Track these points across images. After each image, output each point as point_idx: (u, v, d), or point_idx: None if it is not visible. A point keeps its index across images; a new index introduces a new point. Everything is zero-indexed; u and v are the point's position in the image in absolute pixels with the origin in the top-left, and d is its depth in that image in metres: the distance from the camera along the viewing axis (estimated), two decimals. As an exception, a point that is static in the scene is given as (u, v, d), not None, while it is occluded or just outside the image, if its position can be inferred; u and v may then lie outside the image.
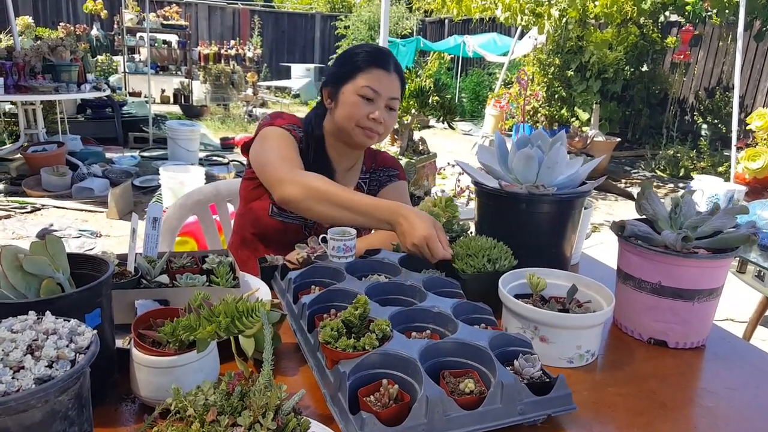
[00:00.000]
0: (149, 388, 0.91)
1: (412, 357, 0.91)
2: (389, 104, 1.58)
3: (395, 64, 1.60)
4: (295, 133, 1.60)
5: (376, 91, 1.53)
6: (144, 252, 1.27)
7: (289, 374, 1.06)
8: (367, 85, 1.53)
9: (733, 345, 1.28)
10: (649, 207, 1.28)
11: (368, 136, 1.58)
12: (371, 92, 1.53)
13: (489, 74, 12.78)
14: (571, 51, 8.53)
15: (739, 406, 1.04)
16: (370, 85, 1.53)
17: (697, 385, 1.12)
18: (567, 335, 1.10)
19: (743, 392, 1.09)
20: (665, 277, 1.17)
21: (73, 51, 5.47)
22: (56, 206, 4.79)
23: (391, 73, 1.57)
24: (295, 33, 15.55)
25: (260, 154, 1.56)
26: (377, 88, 1.53)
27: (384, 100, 1.56)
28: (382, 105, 1.56)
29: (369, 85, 1.53)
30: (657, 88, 9.13)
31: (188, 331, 0.86)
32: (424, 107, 2.77)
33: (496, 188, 1.35)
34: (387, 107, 1.57)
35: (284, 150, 1.53)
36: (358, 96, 1.54)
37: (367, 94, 1.53)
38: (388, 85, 1.56)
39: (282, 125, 1.60)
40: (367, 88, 1.53)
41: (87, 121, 7.14)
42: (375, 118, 1.54)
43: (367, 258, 1.34)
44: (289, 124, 1.61)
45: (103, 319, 0.93)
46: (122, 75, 9.82)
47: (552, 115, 8.57)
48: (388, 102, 1.57)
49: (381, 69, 1.55)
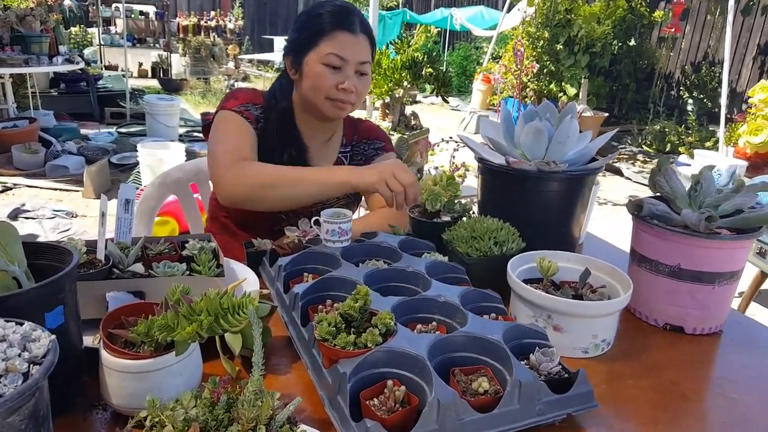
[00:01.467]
0: (121, 395, 0.80)
1: (420, 354, 0.82)
2: (359, 69, 1.41)
3: (362, 24, 1.42)
4: (248, 113, 1.45)
5: (343, 57, 1.37)
6: (116, 238, 1.16)
7: (281, 372, 0.96)
8: (332, 52, 1.37)
9: (750, 329, 1.21)
10: (665, 184, 1.19)
11: (340, 108, 1.43)
12: (337, 60, 1.37)
13: (476, 48, 12.59)
14: (559, 24, 8.39)
15: (765, 395, 0.97)
16: (336, 52, 1.37)
17: (718, 374, 1.05)
18: (582, 324, 1.01)
19: (766, 380, 1.02)
20: (685, 259, 1.08)
21: (44, 21, 5.21)
22: (29, 185, 4.60)
23: (358, 35, 1.40)
24: (278, 4, 15.13)
25: (209, 145, 1.43)
26: (344, 55, 1.37)
27: (353, 66, 1.39)
28: (352, 72, 1.40)
29: (334, 52, 1.37)
30: (644, 63, 9.05)
31: (165, 331, 0.76)
32: (418, 79, 2.64)
33: (503, 165, 1.25)
34: (357, 73, 1.41)
35: (230, 140, 1.40)
36: (323, 65, 1.38)
37: (333, 63, 1.37)
38: (356, 49, 1.39)
39: (233, 107, 1.44)
40: (332, 56, 1.37)
41: (60, 96, 6.85)
42: (345, 88, 1.39)
43: (363, 242, 1.24)
44: (242, 105, 1.45)
45: (66, 317, 0.82)
46: (97, 48, 9.47)
47: (541, 89, 8.45)
48: (357, 67, 1.40)
49: (346, 32, 1.38)
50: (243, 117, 1.44)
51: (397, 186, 1.23)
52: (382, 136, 1.67)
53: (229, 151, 1.37)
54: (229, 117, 1.44)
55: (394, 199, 1.24)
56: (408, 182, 1.24)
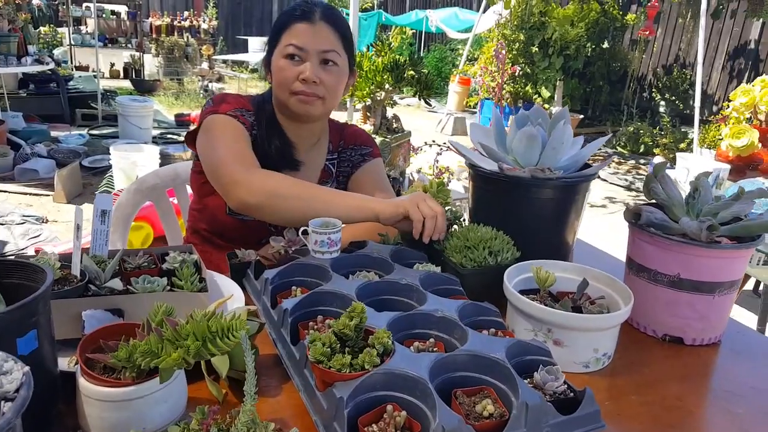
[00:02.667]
0: (101, 426, 0.74)
1: (422, 376, 0.77)
2: (323, 58, 1.35)
3: (324, 14, 1.36)
4: (243, 118, 1.39)
5: (300, 47, 1.32)
6: (92, 251, 1.09)
7: (271, 394, 0.91)
8: (290, 43, 1.33)
9: (749, 339, 1.19)
10: (661, 191, 1.17)
11: (305, 102, 1.36)
12: (295, 49, 1.33)
13: (451, 50, 12.62)
14: (534, 27, 8.45)
15: None
16: (293, 42, 1.33)
17: (720, 387, 1.03)
18: (584, 338, 0.98)
19: None
20: (684, 268, 1.06)
21: (12, 20, 5.03)
22: (-4, 190, 4.44)
23: (317, 23, 1.34)
24: (252, 4, 14.95)
25: (208, 150, 1.35)
26: (301, 44, 1.32)
27: (313, 55, 1.33)
28: (315, 62, 1.34)
29: (291, 42, 1.33)
30: (617, 65, 9.18)
31: (149, 357, 0.70)
32: (400, 82, 2.60)
33: (496, 172, 1.21)
34: (322, 62, 1.35)
35: (234, 144, 1.33)
36: (284, 58, 1.34)
37: (291, 52, 1.33)
38: (315, 37, 1.33)
39: (227, 111, 1.38)
40: (290, 46, 1.33)
41: (29, 97, 6.63)
42: (305, 78, 1.32)
43: (353, 252, 1.19)
44: (235, 109, 1.39)
45: (41, 342, 0.76)
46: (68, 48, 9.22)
47: (516, 92, 8.50)
48: (320, 56, 1.34)
49: (303, 22, 1.34)
50: (239, 122, 1.38)
51: (429, 211, 1.17)
52: (368, 141, 1.61)
53: (239, 156, 1.30)
54: (226, 121, 1.37)
55: (422, 225, 1.17)
56: (439, 210, 1.18)
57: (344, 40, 1.39)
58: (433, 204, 1.19)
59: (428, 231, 1.16)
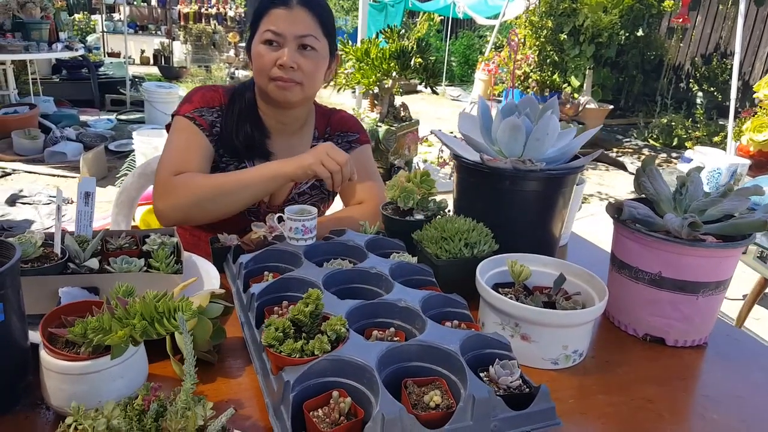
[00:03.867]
0: (60, 397, 0.77)
1: (368, 364, 0.77)
2: (301, 43, 1.34)
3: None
4: (201, 119, 1.41)
5: (277, 32, 1.32)
6: (76, 231, 1.12)
7: (234, 375, 0.93)
8: (268, 28, 1.33)
9: (739, 342, 1.15)
10: (650, 186, 1.14)
11: (283, 87, 1.35)
12: (272, 35, 1.32)
13: (480, 37, 12.44)
14: (564, 14, 8.25)
15: (749, 417, 0.92)
16: (270, 28, 1.32)
17: (699, 391, 1.00)
18: (552, 334, 0.96)
19: (752, 401, 0.96)
20: (666, 267, 1.03)
21: (44, 8, 5.16)
22: (27, 171, 4.58)
23: (294, 8, 1.33)
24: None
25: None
26: (278, 29, 1.32)
27: (291, 40, 1.33)
28: (292, 47, 1.33)
29: (269, 27, 1.32)
30: (652, 54, 8.90)
31: (99, 333, 0.72)
32: (406, 70, 2.57)
33: (478, 162, 1.19)
34: (300, 47, 1.34)
35: (175, 151, 1.38)
36: (262, 44, 1.34)
37: (268, 38, 1.33)
38: (292, 22, 1.32)
39: (186, 113, 1.41)
40: (268, 32, 1.33)
41: (62, 83, 6.82)
42: (282, 63, 1.32)
43: (330, 240, 1.19)
44: (195, 110, 1.41)
45: (8, 314, 0.79)
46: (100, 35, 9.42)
47: (543, 80, 8.33)
48: (298, 41, 1.33)
49: (280, 7, 1.33)
50: (195, 123, 1.40)
51: (333, 165, 1.24)
52: (355, 126, 1.60)
53: (170, 167, 1.35)
54: (179, 125, 1.41)
55: (332, 180, 1.25)
56: (342, 161, 1.25)
57: (323, 24, 1.37)
58: (336, 155, 1.25)
59: (337, 183, 1.27)
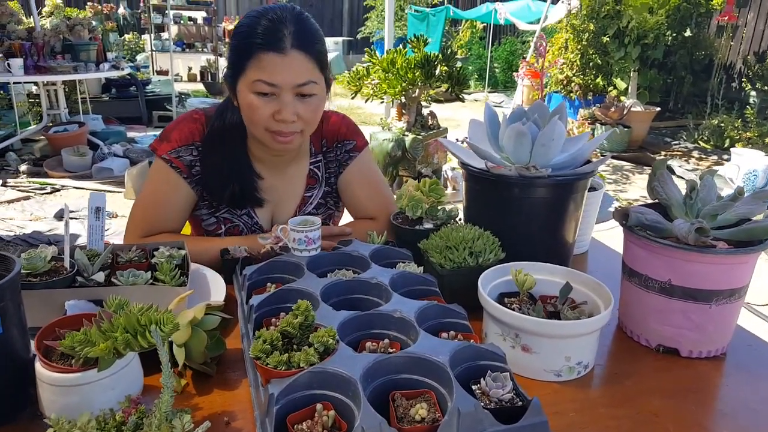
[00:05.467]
0: (53, 408, 0.79)
1: (353, 377, 0.77)
2: (300, 92, 1.21)
3: (296, 38, 1.18)
4: (178, 161, 1.34)
5: (272, 83, 1.18)
6: (89, 245, 1.16)
7: (231, 388, 0.93)
8: (259, 78, 1.18)
9: (761, 354, 1.08)
10: (661, 190, 1.09)
11: (284, 142, 1.25)
12: (266, 86, 1.18)
13: (523, 42, 12.30)
14: (607, 16, 8.06)
15: None
16: (263, 79, 1.18)
17: (712, 405, 0.94)
18: (553, 345, 0.93)
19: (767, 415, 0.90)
20: (675, 274, 0.98)
21: (92, 30, 5.42)
22: (75, 187, 4.80)
23: (288, 54, 1.17)
24: (323, 6, 15.27)
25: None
26: (272, 80, 1.18)
27: (288, 90, 1.19)
28: (289, 98, 1.20)
29: (261, 78, 1.18)
30: (701, 54, 8.57)
31: (86, 346, 0.74)
32: (430, 78, 2.55)
33: (484, 170, 1.17)
34: (298, 95, 1.22)
35: (147, 207, 1.36)
36: (254, 95, 1.20)
37: (262, 90, 1.19)
38: (287, 71, 1.18)
39: (163, 154, 1.34)
40: (260, 83, 1.18)
41: (111, 101, 7.14)
42: (282, 119, 1.20)
43: (336, 250, 1.19)
44: (173, 150, 1.34)
45: (8, 327, 0.82)
46: (150, 53, 9.82)
47: (586, 83, 8.15)
48: (296, 90, 1.20)
49: (271, 52, 1.17)
50: (172, 167, 1.34)
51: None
52: (351, 132, 1.49)
53: (140, 224, 1.35)
54: (157, 170, 1.36)
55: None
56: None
57: (319, 62, 1.24)
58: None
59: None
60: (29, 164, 5.20)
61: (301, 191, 1.47)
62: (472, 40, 12.96)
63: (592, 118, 7.32)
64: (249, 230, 1.44)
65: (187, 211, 1.41)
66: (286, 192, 1.45)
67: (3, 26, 5.12)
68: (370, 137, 3.63)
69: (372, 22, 13.80)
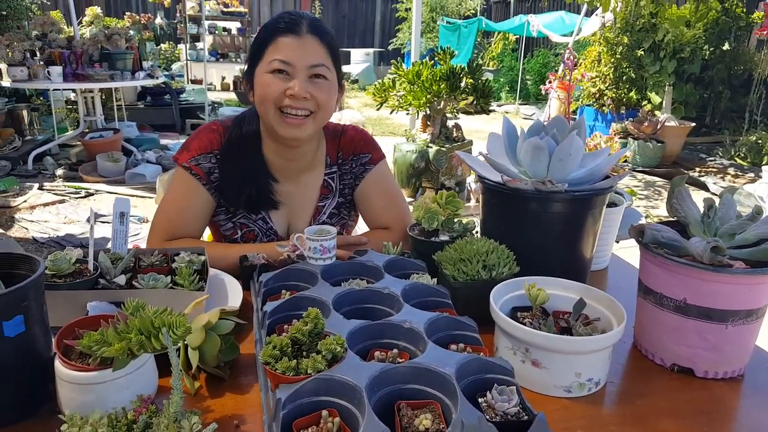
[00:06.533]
0: (71, 405, 0.82)
1: (358, 385, 0.78)
2: (312, 73, 1.29)
3: (311, 26, 1.30)
4: (198, 168, 1.40)
5: (287, 61, 1.26)
6: (113, 248, 1.20)
7: (243, 392, 0.95)
8: (276, 57, 1.27)
9: (782, 376, 1.05)
10: (680, 207, 1.08)
11: (293, 124, 1.30)
12: (281, 64, 1.26)
13: (556, 55, 12.22)
14: (643, 29, 7.95)
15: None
16: (279, 57, 1.26)
17: (728, 427, 0.92)
18: (563, 360, 0.93)
19: (784, 441, 0.88)
20: (691, 293, 0.97)
21: (129, 39, 5.60)
22: (109, 191, 4.94)
23: (304, 37, 1.28)
24: (356, 17, 15.46)
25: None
26: (288, 58, 1.26)
27: (302, 69, 1.27)
28: (302, 77, 1.27)
29: (278, 57, 1.26)
30: (740, 68, 8.37)
31: (102, 346, 0.77)
32: (455, 90, 2.56)
33: (500, 183, 1.18)
34: (312, 76, 1.29)
35: (170, 211, 1.42)
36: (270, 74, 1.28)
37: (277, 68, 1.27)
38: (303, 51, 1.27)
39: (184, 162, 1.40)
40: (276, 61, 1.27)
41: (146, 109, 7.34)
42: (294, 93, 1.26)
43: (351, 260, 1.21)
44: (192, 158, 1.40)
45: (31, 326, 0.85)
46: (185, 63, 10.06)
47: (619, 97, 8.03)
48: (309, 71, 1.28)
49: (289, 35, 1.27)
50: (192, 174, 1.40)
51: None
52: (367, 146, 1.52)
53: (164, 228, 1.40)
54: (179, 178, 1.43)
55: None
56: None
57: (332, 54, 1.33)
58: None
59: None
60: (65, 169, 5.38)
61: (314, 200, 1.50)
62: (504, 52, 12.93)
63: (625, 133, 7.22)
64: (264, 235, 1.48)
65: (207, 217, 1.46)
66: (300, 200, 1.49)
67: (44, 35, 5.33)
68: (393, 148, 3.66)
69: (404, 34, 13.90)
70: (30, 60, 5.10)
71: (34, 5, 7.53)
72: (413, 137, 3.13)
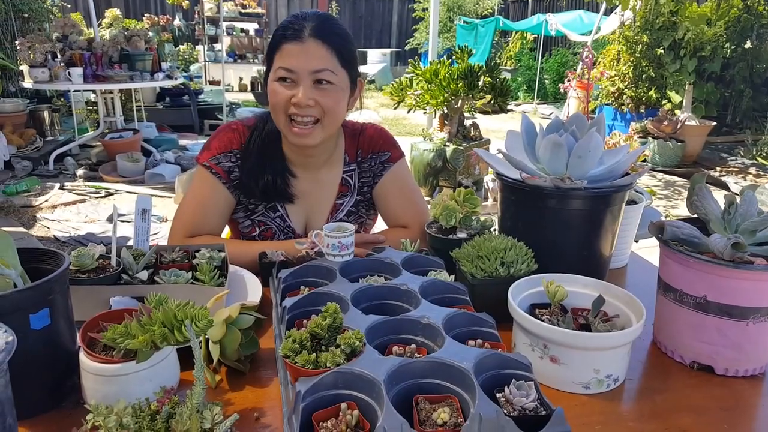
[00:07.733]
0: (95, 397, 0.84)
1: (377, 378, 0.79)
2: (317, 78, 1.28)
3: (315, 30, 1.28)
4: (218, 167, 1.42)
5: (290, 69, 1.27)
6: (135, 245, 1.22)
7: (263, 385, 0.97)
8: (280, 65, 1.28)
9: (805, 375, 1.04)
10: (700, 205, 1.07)
11: (300, 134, 1.31)
12: (285, 72, 1.27)
13: (574, 54, 12.13)
14: (662, 27, 7.86)
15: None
16: (283, 65, 1.27)
17: (748, 425, 0.92)
18: (581, 357, 0.93)
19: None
20: (711, 290, 0.96)
21: (148, 41, 5.67)
22: (128, 191, 5.01)
23: (306, 42, 1.27)
24: (373, 17, 15.49)
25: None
26: (290, 66, 1.27)
27: (305, 76, 1.27)
28: (307, 83, 1.28)
29: (281, 65, 1.28)
30: (762, 67, 8.23)
31: (126, 338, 0.78)
32: (473, 89, 2.55)
33: (518, 180, 1.18)
34: (315, 82, 1.29)
35: (192, 208, 1.45)
36: (276, 82, 1.30)
37: (282, 75, 1.28)
38: (305, 57, 1.26)
39: (205, 161, 1.43)
40: (280, 69, 1.28)
41: (165, 109, 7.43)
42: (297, 101, 1.27)
43: (369, 257, 1.22)
44: (213, 157, 1.43)
45: (56, 319, 0.87)
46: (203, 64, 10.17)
47: (639, 96, 7.95)
48: (312, 77, 1.28)
49: (292, 42, 1.27)
50: (212, 173, 1.43)
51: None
52: (386, 144, 1.53)
53: (185, 226, 1.42)
54: (199, 176, 1.45)
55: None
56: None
57: (340, 55, 1.31)
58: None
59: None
60: (86, 169, 5.47)
61: (332, 198, 1.52)
62: (522, 51, 12.87)
63: (644, 132, 7.14)
64: (281, 232, 1.50)
65: (227, 214, 1.48)
66: (318, 198, 1.50)
67: (65, 37, 5.42)
68: (411, 147, 3.66)
69: (421, 34, 13.90)
70: (51, 61, 5.20)
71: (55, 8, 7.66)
72: (430, 136, 3.14)
